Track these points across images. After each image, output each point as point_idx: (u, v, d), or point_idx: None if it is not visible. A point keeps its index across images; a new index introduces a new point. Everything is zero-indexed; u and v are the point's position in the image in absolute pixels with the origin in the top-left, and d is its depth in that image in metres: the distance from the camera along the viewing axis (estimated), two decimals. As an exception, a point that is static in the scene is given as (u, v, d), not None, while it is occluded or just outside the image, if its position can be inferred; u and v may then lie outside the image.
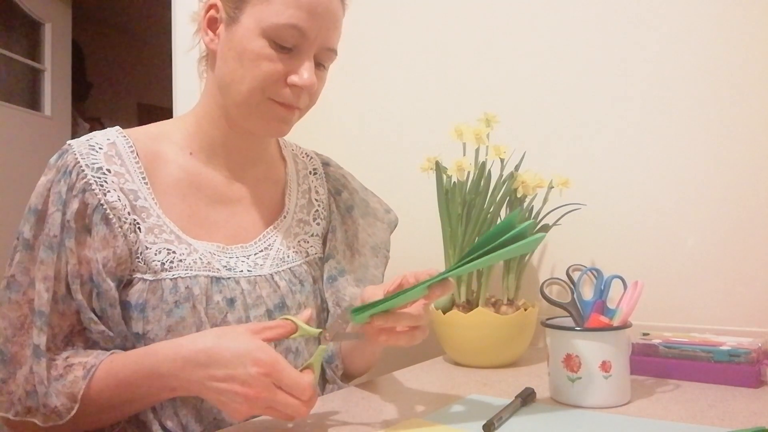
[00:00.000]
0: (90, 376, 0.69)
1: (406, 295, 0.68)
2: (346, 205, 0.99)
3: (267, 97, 0.79)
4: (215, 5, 0.81)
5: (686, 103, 1.07)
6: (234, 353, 0.64)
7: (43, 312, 0.71)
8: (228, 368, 0.63)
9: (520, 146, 1.07)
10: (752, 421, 0.69)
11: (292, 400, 0.64)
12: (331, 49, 0.82)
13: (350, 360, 0.91)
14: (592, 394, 0.75)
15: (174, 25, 1.65)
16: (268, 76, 0.78)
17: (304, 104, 0.82)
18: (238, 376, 0.63)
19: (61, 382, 0.70)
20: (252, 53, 0.77)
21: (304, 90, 0.79)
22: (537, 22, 1.22)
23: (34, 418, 0.69)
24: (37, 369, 0.70)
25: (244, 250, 0.85)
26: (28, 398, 0.70)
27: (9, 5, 2.82)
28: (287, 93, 0.79)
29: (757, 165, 1.01)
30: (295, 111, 0.82)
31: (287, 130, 0.84)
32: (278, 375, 0.63)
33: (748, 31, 1.03)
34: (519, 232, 0.64)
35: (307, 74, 0.78)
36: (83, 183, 0.75)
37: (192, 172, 0.84)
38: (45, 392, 0.69)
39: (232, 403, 0.64)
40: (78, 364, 0.71)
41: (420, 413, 0.74)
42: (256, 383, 0.62)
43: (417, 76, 1.35)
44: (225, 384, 0.64)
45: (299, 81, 0.78)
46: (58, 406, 0.69)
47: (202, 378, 0.65)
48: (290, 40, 0.77)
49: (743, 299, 1.01)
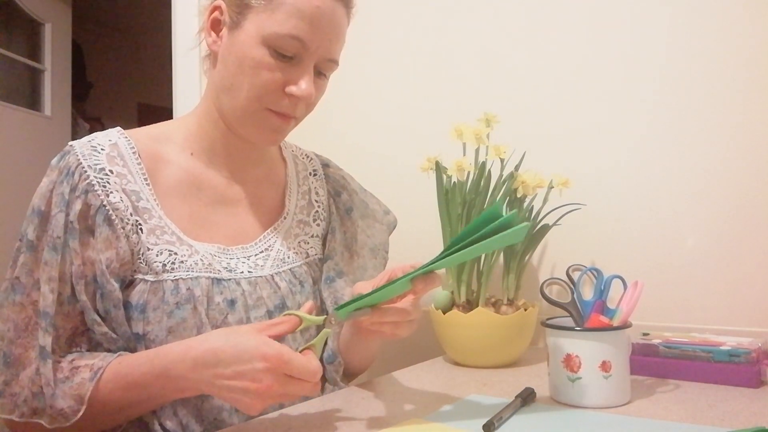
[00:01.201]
0: (98, 378, 0.69)
1: (389, 289, 0.68)
2: (346, 207, 0.99)
3: (264, 107, 0.79)
4: (220, 7, 0.81)
5: (686, 103, 1.07)
6: (240, 350, 0.64)
7: (48, 313, 0.71)
8: (236, 365, 0.64)
9: (520, 146, 1.07)
10: (752, 421, 0.69)
11: (303, 384, 0.65)
12: (332, 60, 0.82)
13: (349, 356, 0.91)
14: (592, 394, 0.75)
15: (174, 25, 1.65)
16: (267, 85, 0.78)
17: (301, 114, 0.82)
18: (246, 372, 0.63)
19: (67, 384, 0.70)
20: (252, 60, 0.77)
21: (301, 100, 0.79)
22: (537, 22, 1.22)
23: (39, 420, 0.69)
24: (43, 370, 0.69)
25: (244, 251, 0.85)
26: (34, 399, 0.70)
27: (9, 5, 2.82)
28: (285, 103, 0.79)
29: (757, 165, 1.01)
30: (290, 120, 0.82)
31: (281, 139, 0.85)
32: (286, 366, 0.63)
33: (748, 32, 1.03)
34: (504, 222, 0.63)
35: (305, 85, 0.78)
36: (86, 184, 0.75)
37: (193, 173, 0.84)
38: (52, 394, 0.69)
39: (245, 398, 0.64)
40: (84, 366, 0.71)
41: (420, 413, 0.74)
42: (265, 377, 0.63)
43: (417, 76, 1.35)
44: (235, 381, 0.64)
45: (297, 92, 0.78)
46: (65, 408, 0.69)
47: (212, 377, 0.65)
48: (291, 51, 0.77)
49: (743, 299, 1.01)
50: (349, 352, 0.90)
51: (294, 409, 0.78)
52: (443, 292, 1.04)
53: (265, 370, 0.63)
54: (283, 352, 0.64)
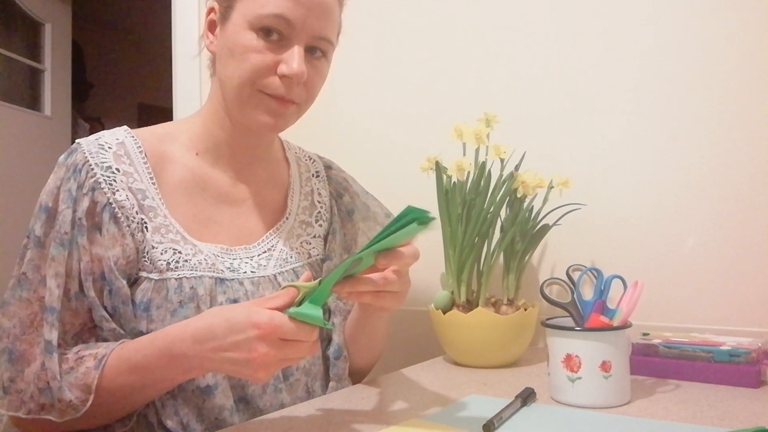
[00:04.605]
0: (102, 365, 0.69)
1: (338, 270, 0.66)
2: (347, 209, 1.00)
3: (257, 90, 0.79)
4: (213, 8, 0.82)
5: (686, 104, 1.07)
6: (233, 322, 0.64)
7: (55, 308, 0.71)
8: (231, 336, 0.64)
9: (520, 146, 1.07)
10: (752, 421, 0.69)
11: (300, 346, 0.65)
12: (324, 38, 0.81)
13: (355, 349, 0.92)
14: (592, 394, 0.75)
15: (174, 26, 1.66)
16: (257, 68, 0.78)
17: (299, 97, 0.81)
18: (242, 343, 0.64)
19: (73, 374, 0.70)
20: (241, 47, 0.78)
21: (294, 80, 0.78)
22: (537, 21, 1.22)
23: (48, 415, 0.69)
24: (49, 364, 0.70)
25: (247, 252, 0.85)
26: (41, 395, 0.70)
27: (9, 5, 2.83)
28: (277, 84, 0.79)
29: (757, 165, 1.01)
30: (288, 104, 0.81)
31: (282, 125, 0.83)
32: (279, 330, 0.63)
33: (748, 32, 1.03)
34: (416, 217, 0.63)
35: (296, 63, 0.77)
36: (92, 181, 0.75)
37: (198, 173, 0.85)
38: (59, 387, 0.69)
39: (246, 369, 0.65)
40: (89, 356, 0.71)
41: (420, 413, 0.74)
42: (260, 346, 0.63)
43: (417, 76, 1.35)
44: (233, 353, 0.64)
45: (287, 70, 0.77)
46: (73, 400, 0.69)
47: (210, 351, 0.66)
48: (277, 30, 0.77)
49: (743, 299, 1.01)
50: (356, 335, 0.91)
51: (294, 409, 0.78)
52: (443, 292, 1.04)
53: (258, 338, 0.63)
54: (273, 316, 0.63)
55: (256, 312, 0.64)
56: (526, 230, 1.05)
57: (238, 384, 0.79)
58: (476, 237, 1.02)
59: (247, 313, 0.64)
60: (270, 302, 0.66)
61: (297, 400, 0.84)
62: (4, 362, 0.72)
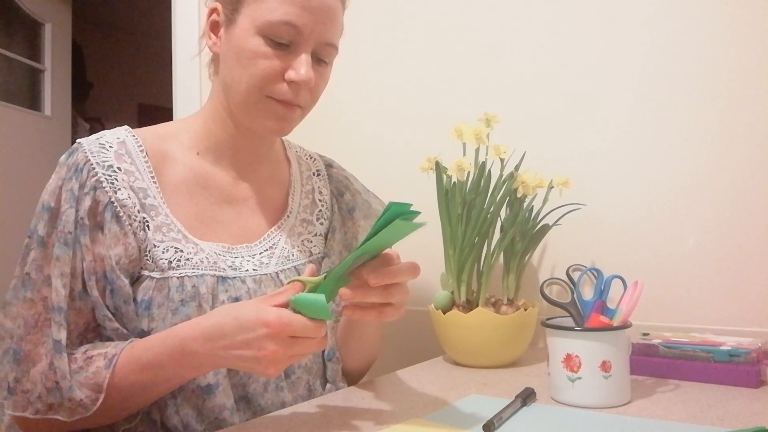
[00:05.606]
0: (113, 364, 0.70)
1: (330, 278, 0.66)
2: (348, 207, 1.00)
3: (265, 95, 0.79)
4: (216, 9, 0.82)
5: (686, 104, 1.07)
6: (243, 321, 0.65)
7: (62, 308, 0.72)
8: (241, 335, 0.65)
9: (520, 146, 1.07)
10: (752, 421, 0.69)
11: (309, 342, 0.66)
12: (330, 44, 0.81)
13: (346, 352, 0.92)
14: (592, 394, 0.75)
15: (174, 26, 1.66)
16: (265, 74, 0.78)
17: (305, 101, 0.82)
18: (252, 341, 0.64)
19: (82, 374, 0.70)
20: (248, 52, 0.78)
21: (302, 86, 0.79)
22: (537, 22, 1.22)
23: (56, 415, 0.69)
24: (58, 364, 0.70)
25: (249, 250, 0.85)
26: (49, 395, 0.70)
27: (9, 5, 2.82)
28: (285, 90, 0.79)
29: (757, 165, 1.01)
30: (295, 109, 0.81)
31: (288, 128, 0.84)
32: (289, 327, 0.64)
33: (748, 32, 1.03)
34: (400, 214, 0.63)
35: (304, 70, 0.78)
36: (94, 180, 0.76)
37: (199, 172, 0.85)
38: (69, 386, 0.69)
39: (257, 366, 0.66)
40: (98, 355, 0.71)
41: (420, 413, 0.74)
42: (269, 344, 0.64)
43: (417, 76, 1.35)
44: (243, 351, 0.65)
45: (296, 77, 0.78)
46: (83, 399, 0.69)
47: (221, 349, 0.66)
48: (285, 37, 0.77)
49: (743, 299, 1.01)
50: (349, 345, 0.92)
51: (294, 409, 0.78)
52: (443, 292, 1.04)
53: (267, 337, 0.64)
54: (282, 314, 0.64)
55: (264, 310, 0.65)
56: (526, 230, 1.05)
57: (239, 383, 0.79)
58: (476, 237, 1.02)
59: (256, 311, 0.65)
60: (276, 298, 0.67)
61: (298, 398, 0.84)
62: (9, 363, 0.72)
